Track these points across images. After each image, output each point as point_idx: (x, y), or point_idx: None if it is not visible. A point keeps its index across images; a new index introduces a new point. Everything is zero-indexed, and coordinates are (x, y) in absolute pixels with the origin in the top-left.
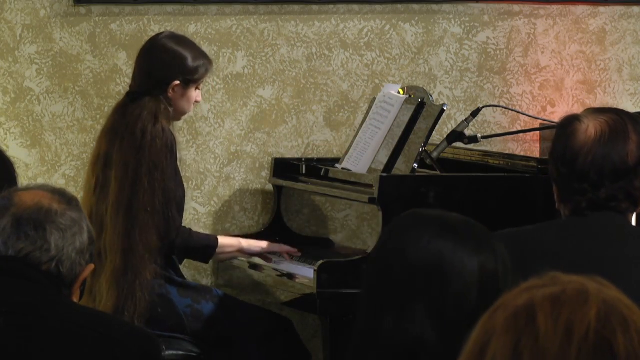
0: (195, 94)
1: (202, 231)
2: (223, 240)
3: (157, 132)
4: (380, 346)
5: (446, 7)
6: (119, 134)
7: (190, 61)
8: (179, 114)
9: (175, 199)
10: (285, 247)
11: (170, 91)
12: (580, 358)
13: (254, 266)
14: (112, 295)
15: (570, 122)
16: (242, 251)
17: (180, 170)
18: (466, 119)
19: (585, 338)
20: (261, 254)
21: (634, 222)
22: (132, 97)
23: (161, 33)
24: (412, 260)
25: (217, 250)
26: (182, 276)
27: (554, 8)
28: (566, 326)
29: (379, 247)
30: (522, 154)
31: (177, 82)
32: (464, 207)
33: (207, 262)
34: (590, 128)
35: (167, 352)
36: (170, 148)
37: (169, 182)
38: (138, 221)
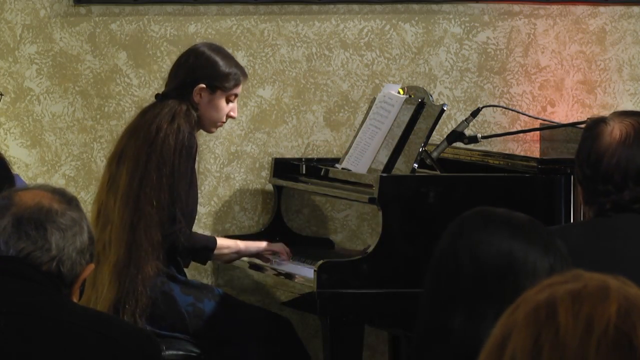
0: (227, 107)
1: (201, 231)
2: (221, 241)
3: (172, 130)
4: (449, 345)
5: (446, 7)
6: (136, 131)
7: (219, 67)
8: (207, 123)
9: (182, 201)
10: (281, 247)
11: (196, 95)
12: (599, 353)
13: (254, 266)
14: (114, 287)
15: (596, 124)
16: (239, 253)
17: (197, 180)
18: (466, 119)
19: (605, 333)
20: (259, 255)
21: None
22: (159, 99)
23: (201, 42)
24: (484, 260)
25: (215, 252)
26: (184, 275)
27: (554, 8)
28: (586, 321)
29: (447, 245)
30: (522, 154)
31: (203, 86)
32: (464, 207)
33: (204, 264)
34: (615, 130)
35: (167, 352)
36: (186, 149)
37: (179, 183)
38: (144, 215)
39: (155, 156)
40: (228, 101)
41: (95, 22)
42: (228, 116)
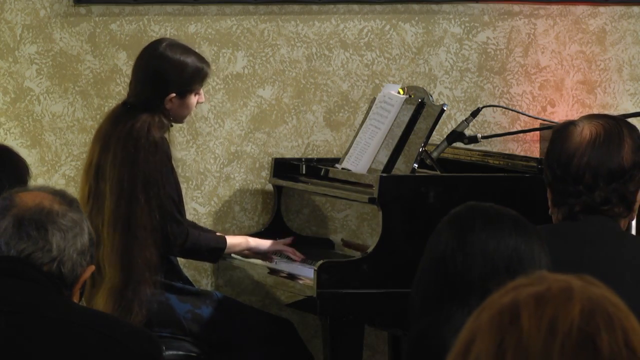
0: (195, 99)
1: None
2: (231, 240)
3: (150, 145)
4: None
5: (446, 7)
6: (110, 145)
7: (187, 70)
8: (179, 119)
9: (176, 206)
10: (290, 249)
11: (168, 103)
12: (563, 355)
13: (254, 266)
14: (108, 308)
15: (565, 126)
16: (249, 250)
17: (178, 170)
18: (466, 119)
19: (568, 335)
20: (267, 253)
21: (633, 230)
22: (128, 108)
23: (158, 42)
24: (494, 255)
25: (226, 250)
26: (183, 278)
27: (554, 8)
28: (549, 323)
29: (451, 243)
30: (522, 154)
31: (173, 95)
32: None
33: (215, 262)
34: (585, 130)
35: (167, 353)
36: (165, 159)
37: (167, 196)
38: (137, 239)
39: (140, 177)
40: (196, 94)
41: (95, 22)
42: (198, 103)
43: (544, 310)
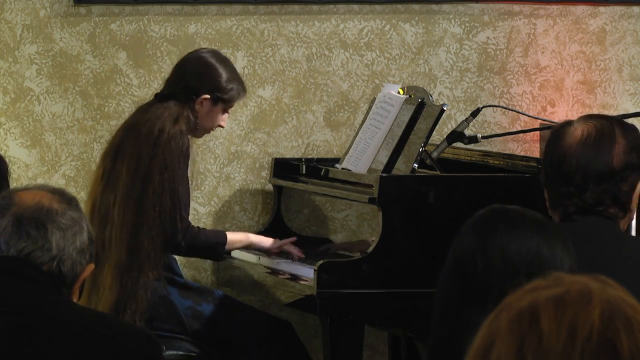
0: (221, 116)
1: None
2: (232, 236)
3: (175, 133)
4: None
5: (446, 7)
6: (136, 128)
7: (225, 81)
8: (200, 130)
9: (183, 201)
10: (292, 247)
11: (198, 103)
12: (584, 359)
13: (254, 266)
14: (115, 290)
15: (561, 126)
16: (251, 246)
17: (193, 178)
18: (466, 119)
19: (588, 339)
20: (268, 251)
21: (633, 230)
22: (159, 99)
23: (204, 48)
24: (515, 258)
25: (227, 246)
26: (182, 277)
27: (554, 8)
28: (569, 327)
29: (473, 245)
30: (522, 154)
31: (207, 96)
32: (464, 207)
33: (217, 260)
34: (577, 131)
35: (167, 352)
36: (184, 152)
37: (178, 185)
38: (146, 219)
39: (157, 159)
40: (224, 112)
41: (95, 22)
42: (218, 125)
43: (564, 313)
